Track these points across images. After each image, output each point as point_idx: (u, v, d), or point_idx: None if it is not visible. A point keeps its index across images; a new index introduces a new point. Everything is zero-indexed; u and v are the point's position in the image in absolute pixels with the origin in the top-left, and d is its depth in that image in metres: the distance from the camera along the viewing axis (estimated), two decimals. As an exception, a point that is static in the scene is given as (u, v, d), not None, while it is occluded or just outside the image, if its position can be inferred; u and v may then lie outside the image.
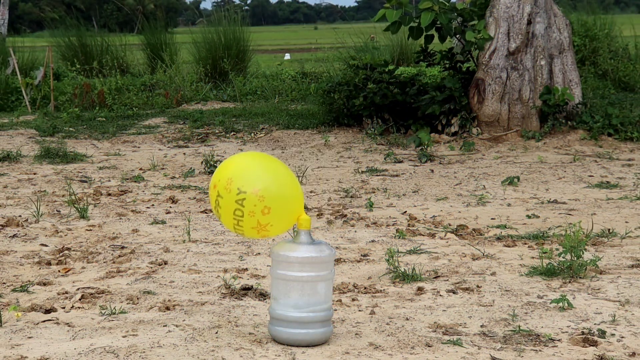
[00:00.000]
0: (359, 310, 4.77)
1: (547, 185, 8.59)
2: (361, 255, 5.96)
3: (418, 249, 6.11)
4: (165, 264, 5.74)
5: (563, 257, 5.38)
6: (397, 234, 6.55)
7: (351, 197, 8.11)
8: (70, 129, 12.52)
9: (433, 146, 10.63)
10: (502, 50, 11.06)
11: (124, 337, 4.31)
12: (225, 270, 5.58)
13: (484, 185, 8.63)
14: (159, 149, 11.16)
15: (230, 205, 4.12)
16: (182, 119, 13.22)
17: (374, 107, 11.56)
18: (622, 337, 4.34)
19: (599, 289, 5.13)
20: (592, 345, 4.23)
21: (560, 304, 4.77)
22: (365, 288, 5.17)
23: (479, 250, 6.06)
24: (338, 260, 5.75)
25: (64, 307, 4.84)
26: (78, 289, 5.17)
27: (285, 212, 4.19)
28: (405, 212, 7.43)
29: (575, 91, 11.25)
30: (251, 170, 4.18)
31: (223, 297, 5.00)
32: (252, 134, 11.99)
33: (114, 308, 4.75)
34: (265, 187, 4.11)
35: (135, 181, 8.97)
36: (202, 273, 5.52)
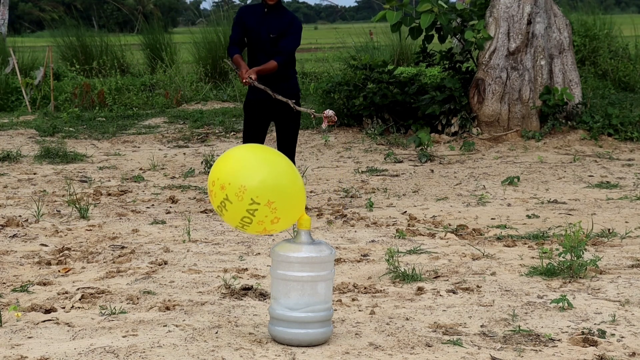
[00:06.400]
0: (359, 310, 4.77)
1: (547, 185, 8.59)
2: (361, 255, 5.96)
3: (418, 249, 6.11)
4: (165, 264, 5.74)
5: (563, 257, 5.38)
6: (397, 234, 6.55)
7: (351, 197, 8.11)
8: (70, 129, 12.51)
9: (433, 146, 10.63)
10: (502, 50, 11.06)
11: (124, 337, 4.31)
12: (225, 270, 5.58)
13: (484, 185, 8.63)
14: (159, 149, 11.15)
15: (240, 212, 4.12)
16: (182, 119, 13.21)
17: (374, 107, 11.56)
18: (622, 337, 4.34)
19: (599, 289, 5.13)
20: (592, 345, 4.23)
21: (560, 304, 4.77)
22: (365, 288, 5.17)
23: (479, 250, 6.06)
24: (338, 260, 5.75)
25: (64, 307, 4.83)
26: (78, 289, 5.17)
27: (292, 217, 4.22)
28: (405, 212, 7.43)
29: (575, 91, 11.25)
30: (263, 178, 4.12)
31: (223, 297, 5.00)
32: (252, 134, 11.98)
33: (114, 308, 4.75)
34: (278, 197, 4.09)
35: (135, 181, 8.97)
36: (202, 273, 5.52)
